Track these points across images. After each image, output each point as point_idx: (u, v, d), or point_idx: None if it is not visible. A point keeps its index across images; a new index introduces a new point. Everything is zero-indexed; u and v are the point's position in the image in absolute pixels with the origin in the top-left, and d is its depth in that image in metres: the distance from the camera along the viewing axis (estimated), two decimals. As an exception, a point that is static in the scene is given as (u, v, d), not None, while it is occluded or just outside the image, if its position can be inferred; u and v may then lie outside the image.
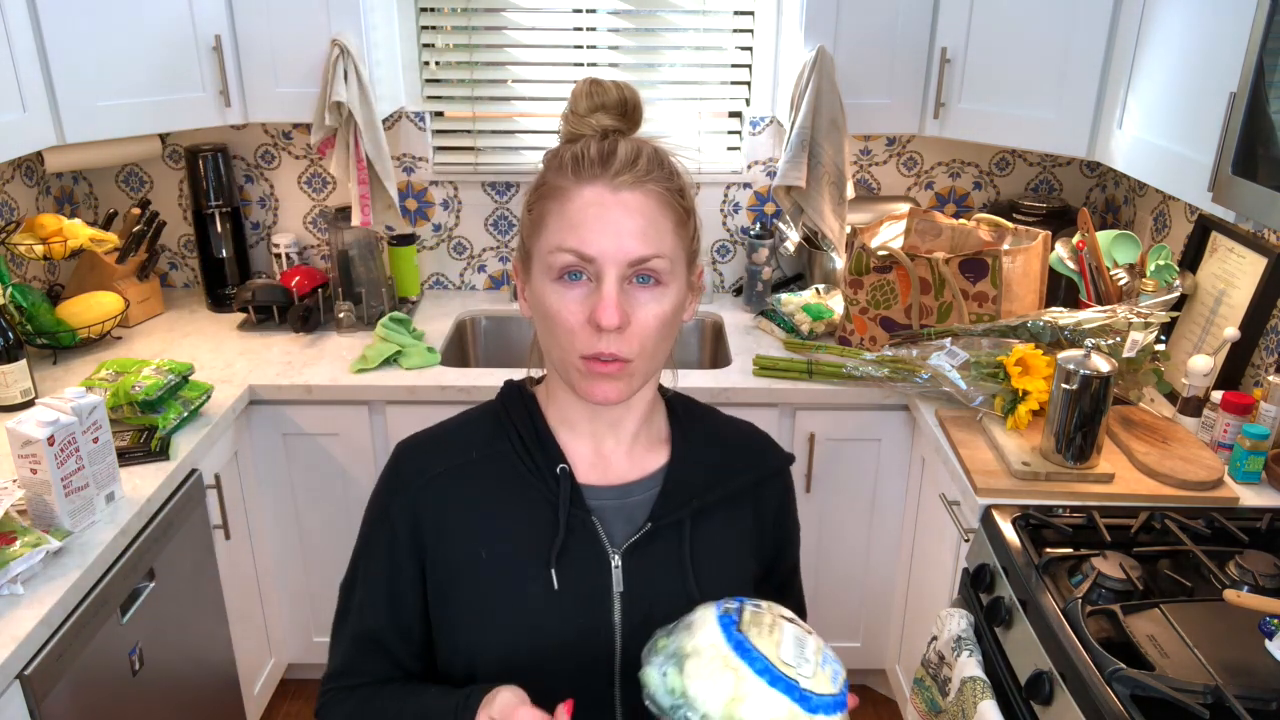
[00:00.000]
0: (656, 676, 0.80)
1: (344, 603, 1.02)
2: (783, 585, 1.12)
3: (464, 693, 0.89)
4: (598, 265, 0.85)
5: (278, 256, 2.65)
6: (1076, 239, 2.20)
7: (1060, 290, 2.34)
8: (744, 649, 0.79)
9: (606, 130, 0.91)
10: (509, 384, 1.03)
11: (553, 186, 0.89)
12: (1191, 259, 2.15)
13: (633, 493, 0.97)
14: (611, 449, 0.98)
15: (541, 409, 1.00)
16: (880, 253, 2.24)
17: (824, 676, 0.80)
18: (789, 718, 0.77)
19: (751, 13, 2.57)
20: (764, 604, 0.85)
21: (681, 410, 1.04)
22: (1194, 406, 1.91)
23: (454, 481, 0.96)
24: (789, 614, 0.86)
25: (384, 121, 2.54)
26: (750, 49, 2.61)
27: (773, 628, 0.82)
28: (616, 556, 0.94)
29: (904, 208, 2.46)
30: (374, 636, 0.99)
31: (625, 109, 0.93)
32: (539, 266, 0.89)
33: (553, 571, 0.92)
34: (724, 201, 2.71)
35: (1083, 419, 1.71)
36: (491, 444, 0.98)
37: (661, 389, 1.04)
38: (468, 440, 0.99)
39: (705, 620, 0.82)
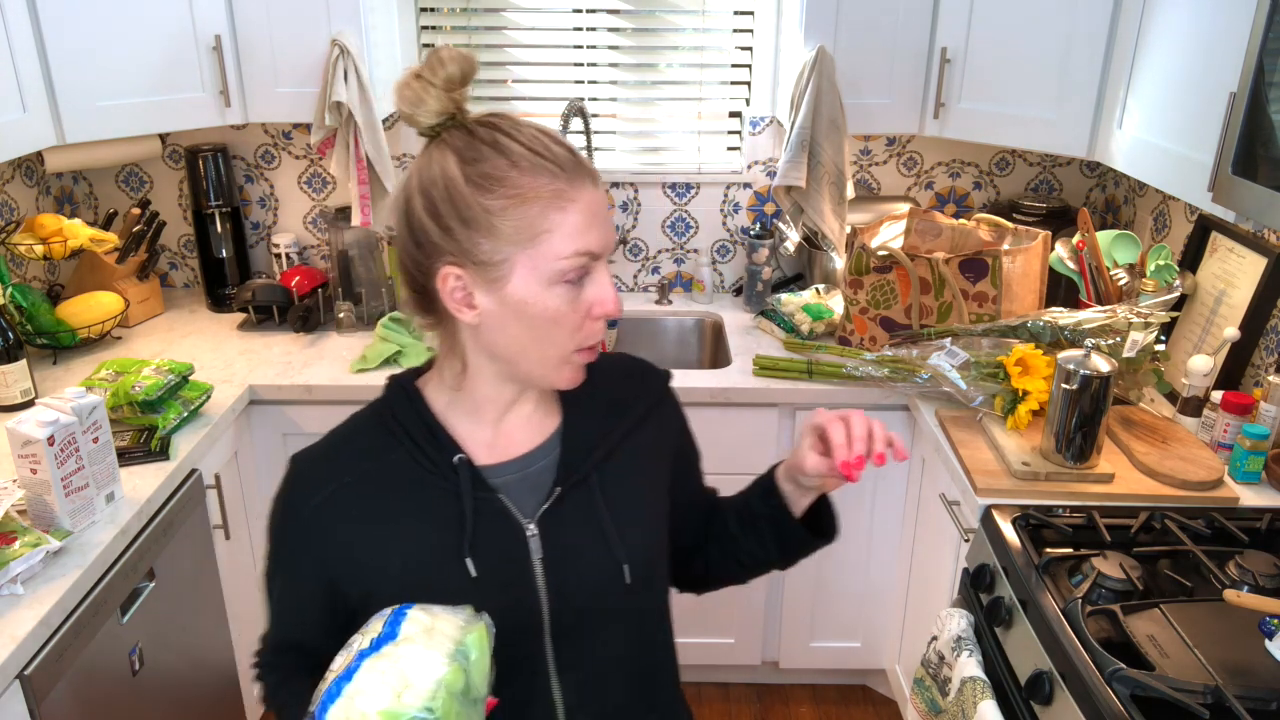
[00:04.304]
0: None
1: (266, 592, 1.04)
2: (707, 501, 1.16)
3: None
4: (600, 260, 0.90)
5: (278, 256, 2.65)
6: (1076, 239, 2.20)
7: (1060, 290, 2.34)
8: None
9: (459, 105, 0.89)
10: (392, 383, 1.01)
11: (547, 190, 0.86)
12: (1191, 259, 2.15)
13: (534, 460, 0.99)
14: (511, 425, 0.99)
15: (429, 403, 0.98)
16: (880, 253, 2.24)
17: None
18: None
19: (751, 13, 2.57)
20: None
21: None
22: (1194, 406, 1.91)
23: (351, 498, 0.95)
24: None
25: (384, 121, 2.54)
26: (750, 49, 2.61)
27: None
28: (531, 526, 0.96)
29: (904, 208, 2.45)
30: (288, 641, 1.04)
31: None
32: (535, 274, 0.87)
33: (468, 561, 0.93)
34: (724, 201, 2.71)
35: (1083, 419, 1.71)
36: (384, 453, 0.96)
37: None
38: (359, 450, 0.98)
39: None
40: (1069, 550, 1.53)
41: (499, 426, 0.99)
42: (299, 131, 2.63)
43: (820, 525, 1.09)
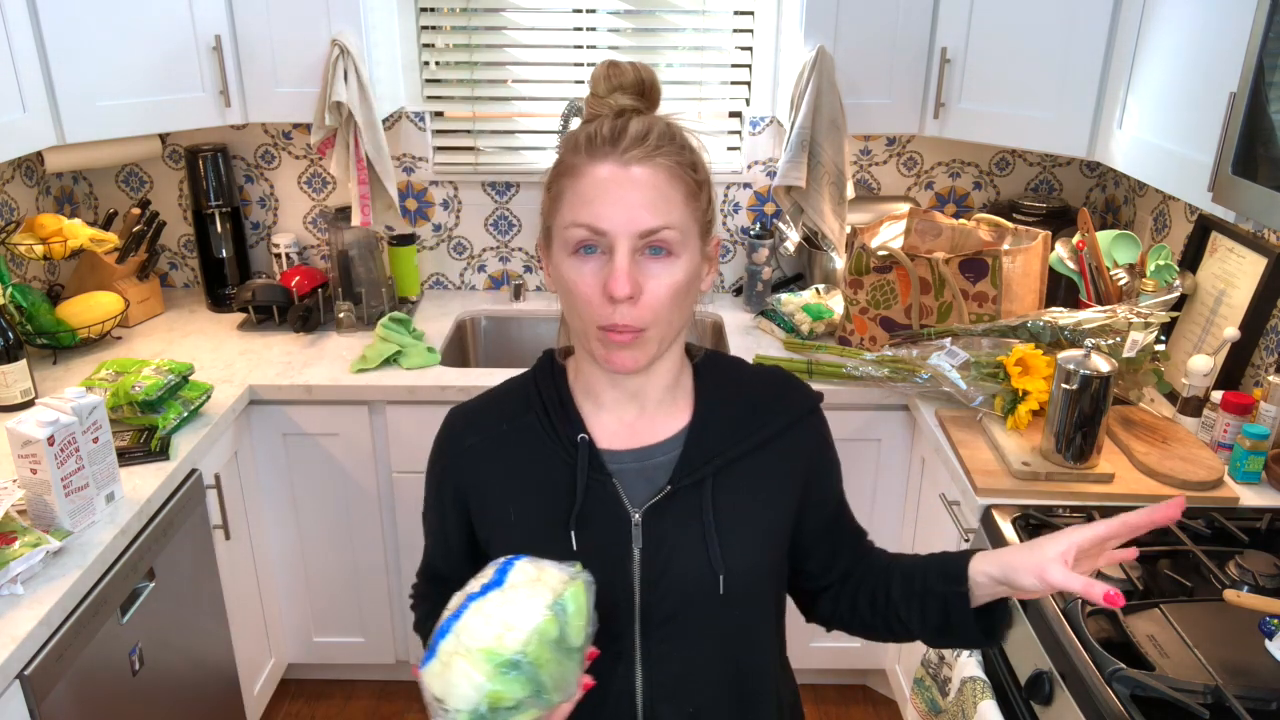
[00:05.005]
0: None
1: (424, 526, 1.16)
2: (842, 534, 1.13)
3: None
4: (610, 238, 0.90)
5: (278, 256, 2.65)
6: (1076, 239, 2.20)
7: (1060, 290, 2.34)
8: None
9: (624, 109, 0.95)
10: (545, 355, 1.08)
11: (568, 164, 0.93)
12: (1191, 259, 2.15)
13: (654, 455, 1.02)
14: (634, 417, 1.02)
15: (569, 380, 1.05)
16: (880, 253, 2.24)
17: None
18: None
19: (751, 13, 2.57)
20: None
21: (706, 370, 1.07)
22: (1194, 406, 1.91)
23: (487, 451, 1.05)
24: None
25: (384, 121, 2.54)
26: (750, 49, 2.61)
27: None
28: (637, 515, 0.99)
29: (904, 208, 2.46)
30: (436, 571, 1.16)
31: (642, 89, 0.97)
32: (558, 242, 0.94)
33: (572, 534, 0.98)
34: (724, 201, 2.71)
35: (1083, 419, 1.71)
36: (521, 416, 1.04)
37: (691, 349, 1.07)
38: (502, 411, 1.06)
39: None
40: (1069, 550, 1.53)
41: (622, 416, 1.02)
42: (299, 131, 2.63)
43: (989, 621, 1.04)
